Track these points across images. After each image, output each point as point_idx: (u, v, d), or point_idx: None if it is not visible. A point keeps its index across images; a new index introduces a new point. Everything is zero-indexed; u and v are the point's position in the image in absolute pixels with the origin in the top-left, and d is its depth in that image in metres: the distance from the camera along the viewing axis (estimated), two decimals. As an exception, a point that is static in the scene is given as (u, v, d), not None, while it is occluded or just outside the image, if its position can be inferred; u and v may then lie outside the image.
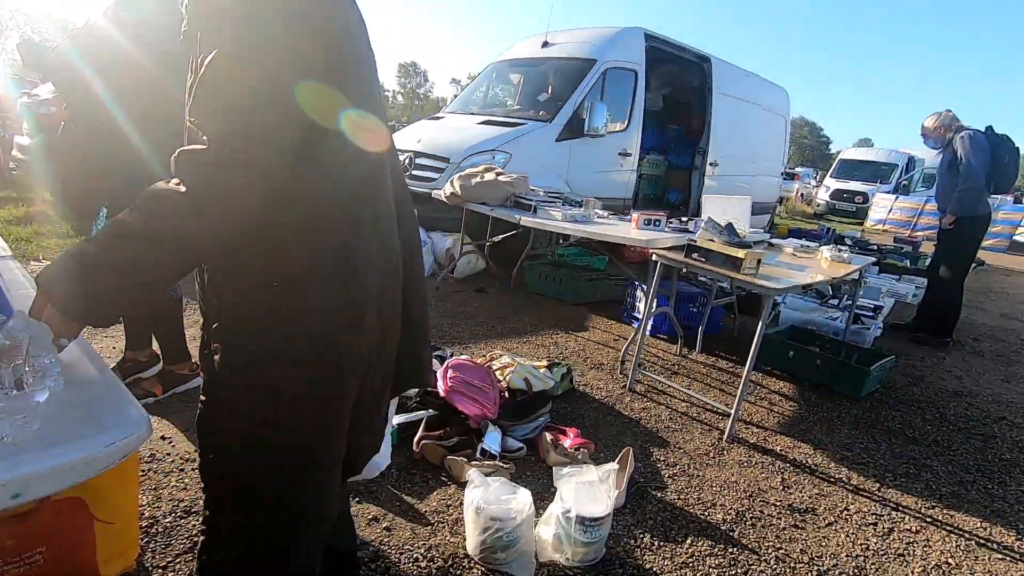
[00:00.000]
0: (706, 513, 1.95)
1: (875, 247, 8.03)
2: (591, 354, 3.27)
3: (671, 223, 3.32)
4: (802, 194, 18.05)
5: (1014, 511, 2.19)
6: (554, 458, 2.08)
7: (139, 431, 0.70)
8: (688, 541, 1.79)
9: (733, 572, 1.69)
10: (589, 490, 1.64)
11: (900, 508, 2.12)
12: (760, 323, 2.40)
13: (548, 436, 2.17)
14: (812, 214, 15.83)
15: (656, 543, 1.77)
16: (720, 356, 3.48)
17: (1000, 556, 1.91)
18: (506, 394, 2.41)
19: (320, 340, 0.98)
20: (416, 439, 2.06)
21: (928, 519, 2.07)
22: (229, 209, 0.86)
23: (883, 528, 1.99)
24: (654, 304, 2.89)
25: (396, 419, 2.17)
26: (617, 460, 2.02)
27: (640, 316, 3.01)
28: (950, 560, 1.86)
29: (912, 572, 1.79)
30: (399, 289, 1.15)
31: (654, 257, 2.71)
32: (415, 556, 1.60)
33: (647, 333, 3.70)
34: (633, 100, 5.82)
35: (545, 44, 6.07)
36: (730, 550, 1.78)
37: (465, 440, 2.09)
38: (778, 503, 2.06)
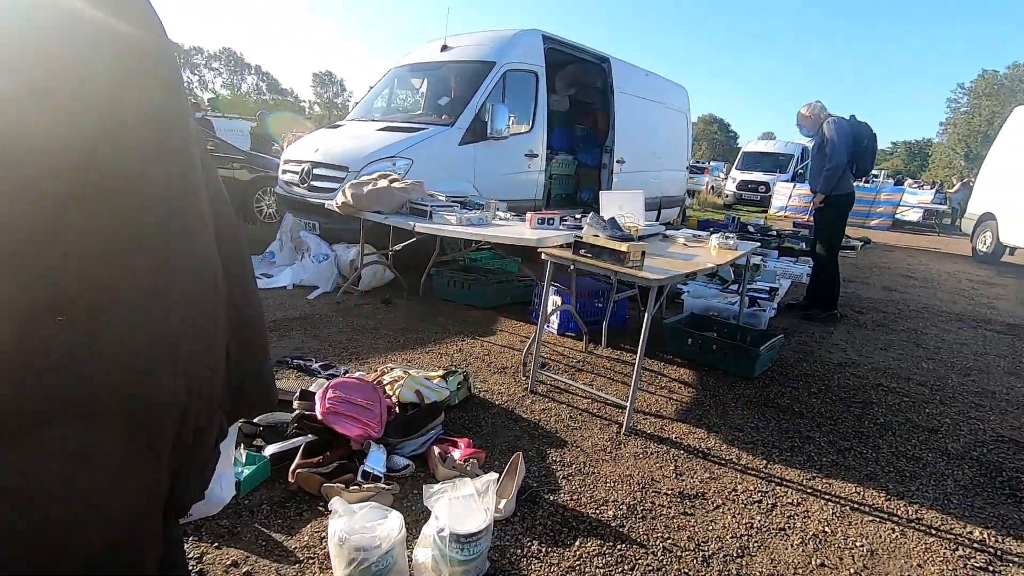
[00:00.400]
0: (598, 511, 1.92)
1: (775, 232, 8.57)
2: (495, 358, 3.21)
3: (566, 221, 3.33)
4: (712, 187, 19.05)
5: (885, 472, 2.32)
6: (443, 472, 1.99)
7: None
8: (577, 543, 1.75)
9: (620, 569, 1.66)
10: (464, 505, 1.56)
11: (784, 483, 2.19)
12: (646, 314, 2.43)
13: (437, 450, 2.07)
14: (722, 205, 16.73)
15: (544, 550, 1.72)
16: (625, 349, 3.52)
17: (871, 518, 2.01)
18: (396, 409, 2.30)
19: (124, 379, 0.85)
20: (292, 468, 1.91)
21: (809, 490, 2.15)
22: None
23: (767, 504, 2.04)
24: (551, 302, 2.87)
25: (269, 449, 2.00)
26: (506, 468, 1.97)
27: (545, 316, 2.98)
28: (827, 528, 1.93)
29: (792, 544, 1.84)
30: (223, 311, 1.04)
31: (543, 256, 2.69)
32: (277, 601, 1.46)
33: (552, 331, 3.70)
34: (536, 101, 5.85)
35: (444, 48, 6.00)
36: (618, 547, 1.75)
37: (346, 464, 1.95)
38: (670, 492, 2.07)
